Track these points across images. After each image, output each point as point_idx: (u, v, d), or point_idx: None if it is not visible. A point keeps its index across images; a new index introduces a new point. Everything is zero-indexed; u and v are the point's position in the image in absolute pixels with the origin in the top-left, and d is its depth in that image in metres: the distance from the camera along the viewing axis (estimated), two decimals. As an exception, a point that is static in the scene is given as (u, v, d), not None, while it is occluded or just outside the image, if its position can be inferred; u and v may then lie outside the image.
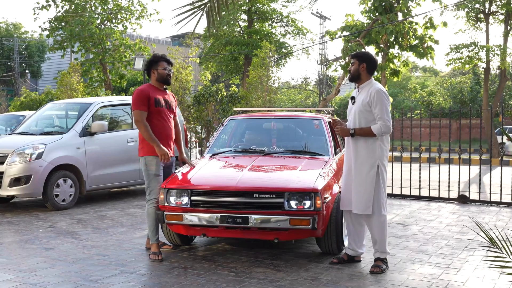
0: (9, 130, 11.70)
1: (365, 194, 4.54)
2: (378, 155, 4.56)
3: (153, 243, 5.08)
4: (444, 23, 11.55)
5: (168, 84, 5.34)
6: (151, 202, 5.07)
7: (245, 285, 4.16)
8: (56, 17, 20.46)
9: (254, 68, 15.05)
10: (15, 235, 6.09)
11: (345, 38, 12.02)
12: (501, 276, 4.35)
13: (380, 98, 4.52)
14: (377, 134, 4.52)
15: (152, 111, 5.10)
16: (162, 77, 5.24)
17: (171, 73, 5.32)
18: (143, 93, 5.11)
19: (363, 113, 4.59)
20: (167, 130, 5.20)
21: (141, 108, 5.04)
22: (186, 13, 4.44)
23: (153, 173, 5.07)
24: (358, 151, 4.61)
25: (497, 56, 20.16)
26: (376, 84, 4.67)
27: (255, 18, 29.00)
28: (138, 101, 5.07)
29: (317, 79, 40.57)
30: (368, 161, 4.55)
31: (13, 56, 42.23)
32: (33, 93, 27.44)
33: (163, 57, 5.33)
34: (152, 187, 5.07)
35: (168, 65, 5.29)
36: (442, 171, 9.01)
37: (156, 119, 5.12)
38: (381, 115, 4.50)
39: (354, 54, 4.79)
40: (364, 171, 4.56)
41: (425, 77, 57.59)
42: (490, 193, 8.38)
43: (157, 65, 5.23)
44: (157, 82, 5.26)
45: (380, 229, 4.58)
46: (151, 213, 5.05)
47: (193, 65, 17.00)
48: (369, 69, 4.66)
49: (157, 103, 5.13)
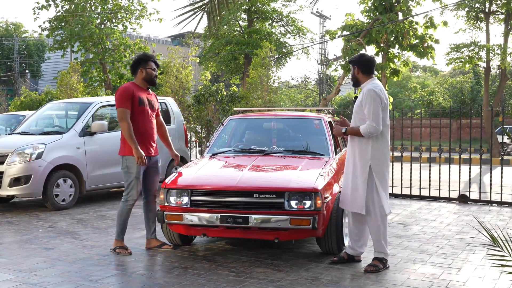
0: (9, 130, 11.70)
1: (359, 194, 4.57)
2: (371, 155, 4.56)
3: (118, 239, 5.17)
4: (444, 23, 11.54)
5: (154, 85, 5.35)
6: (128, 204, 5.16)
7: (245, 285, 4.15)
8: (56, 17, 20.44)
9: (254, 68, 15.04)
10: (15, 235, 6.09)
11: (345, 38, 12.01)
12: (502, 275, 4.34)
13: (369, 98, 4.53)
14: (363, 135, 4.55)
15: (136, 110, 5.10)
16: (150, 77, 5.22)
17: (157, 75, 5.33)
18: (127, 91, 5.10)
19: (357, 113, 4.65)
20: (149, 130, 5.21)
21: (125, 106, 5.05)
22: (187, 13, 4.44)
23: (134, 176, 5.11)
24: (354, 150, 4.67)
25: (497, 56, 20.15)
26: (369, 84, 4.64)
27: (255, 17, 28.99)
28: (123, 99, 5.06)
29: (317, 78, 40.55)
30: (361, 161, 4.59)
31: (13, 56, 42.22)
32: (33, 93, 27.44)
33: (152, 58, 5.31)
34: (131, 188, 5.13)
35: (156, 67, 5.29)
36: (443, 171, 9.00)
37: (139, 119, 5.12)
38: (369, 115, 4.53)
39: (349, 60, 4.88)
40: (357, 171, 4.60)
41: (426, 76, 57.58)
42: (490, 193, 8.37)
43: (146, 64, 5.21)
44: (143, 81, 5.24)
45: (376, 229, 4.59)
46: (125, 213, 5.16)
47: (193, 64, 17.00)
48: (363, 70, 4.69)
49: (140, 102, 5.13)
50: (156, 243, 5.33)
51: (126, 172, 5.13)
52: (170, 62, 16.25)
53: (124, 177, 5.18)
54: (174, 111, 9.90)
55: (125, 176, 5.16)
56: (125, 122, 5.03)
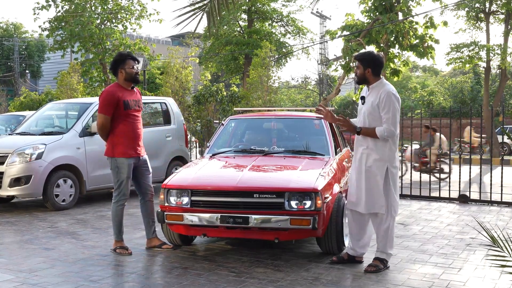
0: (9, 130, 11.70)
1: (377, 195, 4.48)
2: (388, 157, 4.52)
3: (118, 240, 5.21)
4: (444, 23, 11.54)
5: (138, 83, 5.31)
6: (120, 204, 5.20)
7: (246, 285, 4.15)
8: (56, 17, 20.44)
9: (254, 68, 15.04)
10: (15, 235, 6.09)
11: (345, 38, 12.01)
12: (502, 275, 4.34)
13: (389, 101, 4.43)
14: (379, 137, 4.48)
15: (121, 114, 5.11)
16: (131, 76, 5.19)
17: (138, 71, 5.28)
18: (111, 95, 5.08)
19: (372, 115, 4.52)
20: (135, 132, 5.22)
21: (106, 113, 5.06)
22: (186, 14, 4.43)
23: (125, 176, 5.14)
24: (368, 151, 4.55)
25: (497, 56, 20.14)
26: (387, 85, 4.57)
27: (255, 17, 28.99)
28: (105, 105, 5.08)
29: (317, 78, 40.54)
30: (378, 162, 4.49)
31: (13, 56, 42.21)
32: (33, 93, 27.45)
33: (129, 55, 5.25)
34: (122, 187, 5.16)
35: (135, 63, 5.23)
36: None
37: (124, 122, 5.14)
38: (387, 119, 4.44)
39: (358, 56, 4.67)
40: (373, 172, 4.50)
41: (426, 76, 57.56)
42: (490, 193, 8.37)
43: (124, 64, 5.17)
44: (125, 81, 5.21)
45: (385, 230, 4.55)
46: (119, 214, 5.20)
47: (193, 65, 16.99)
48: (376, 71, 4.57)
49: (126, 106, 5.12)
50: (157, 242, 5.33)
51: (116, 172, 5.16)
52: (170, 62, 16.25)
53: (114, 177, 5.20)
54: (174, 111, 9.90)
55: (115, 176, 5.18)
56: (102, 128, 5.09)
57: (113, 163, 5.16)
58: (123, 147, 5.12)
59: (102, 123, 5.07)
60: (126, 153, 5.12)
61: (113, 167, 5.17)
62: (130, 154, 5.15)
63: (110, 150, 5.17)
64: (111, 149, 5.16)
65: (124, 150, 5.11)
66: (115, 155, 5.13)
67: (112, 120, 5.11)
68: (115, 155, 5.13)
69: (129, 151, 5.14)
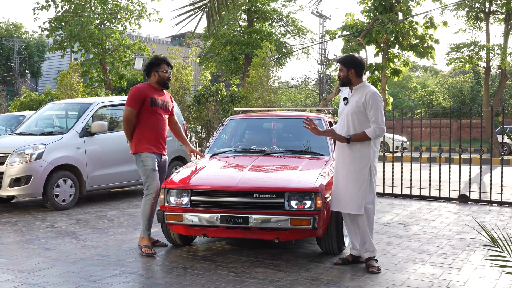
0: (9, 130, 11.69)
1: (358, 195, 4.54)
2: (372, 156, 4.61)
3: (145, 237, 5.20)
4: (444, 23, 11.56)
5: (167, 88, 5.46)
6: (149, 198, 5.18)
7: (246, 285, 4.15)
8: (55, 17, 20.45)
9: (254, 68, 15.05)
10: (15, 235, 6.08)
11: (345, 38, 12.02)
12: (502, 275, 4.34)
13: (375, 101, 4.56)
14: (372, 138, 4.55)
15: (147, 110, 5.23)
16: (163, 80, 5.36)
17: (170, 77, 5.43)
18: (140, 92, 5.24)
19: (356, 114, 4.61)
20: (159, 130, 5.30)
21: (133, 106, 5.18)
22: (186, 13, 4.43)
23: (150, 168, 5.18)
24: (351, 153, 4.60)
25: (497, 56, 20.15)
26: (370, 87, 4.72)
27: (255, 17, 28.99)
28: (133, 99, 5.21)
29: (317, 78, 40.54)
30: (361, 163, 4.56)
31: (13, 56, 42.20)
32: (33, 93, 27.47)
33: (165, 60, 5.41)
34: (150, 182, 5.18)
35: (169, 68, 5.37)
36: (443, 171, 9.00)
37: (149, 119, 5.24)
38: (376, 118, 4.53)
39: (340, 59, 4.84)
40: (356, 172, 4.56)
41: (426, 76, 57.59)
42: (490, 193, 8.37)
43: (158, 68, 5.33)
44: (157, 83, 5.35)
45: (365, 228, 4.58)
46: (148, 209, 5.17)
47: (193, 65, 17.00)
48: (358, 73, 4.70)
49: (153, 103, 5.25)
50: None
51: (141, 167, 5.21)
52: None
53: (141, 172, 5.25)
54: (174, 111, 9.87)
55: (142, 171, 5.22)
56: (128, 121, 5.19)
57: (138, 158, 5.23)
58: (147, 143, 5.21)
59: (127, 116, 5.18)
60: (149, 149, 5.21)
61: (138, 162, 5.23)
62: (153, 151, 5.23)
63: (134, 147, 5.24)
64: (135, 145, 5.24)
65: (147, 146, 5.20)
66: (138, 150, 5.21)
67: (139, 116, 5.20)
68: (139, 150, 5.20)
69: (152, 147, 5.22)
